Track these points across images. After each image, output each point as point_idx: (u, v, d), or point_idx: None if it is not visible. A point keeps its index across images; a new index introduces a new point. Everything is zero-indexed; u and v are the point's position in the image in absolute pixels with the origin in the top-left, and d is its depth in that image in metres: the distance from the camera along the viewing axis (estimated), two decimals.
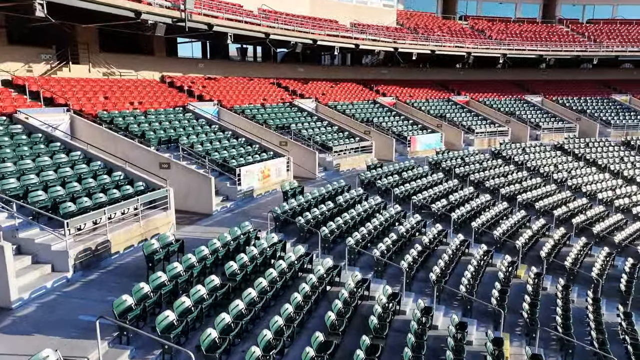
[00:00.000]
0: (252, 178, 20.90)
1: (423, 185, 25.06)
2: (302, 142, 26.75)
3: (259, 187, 21.40)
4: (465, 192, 25.40)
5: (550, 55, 42.14)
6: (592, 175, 31.83)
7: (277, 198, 20.26)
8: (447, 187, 25.56)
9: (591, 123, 40.56)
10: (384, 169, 25.77)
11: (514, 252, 19.26)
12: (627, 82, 48.85)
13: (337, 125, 30.63)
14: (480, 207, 23.96)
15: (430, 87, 44.22)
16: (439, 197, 23.80)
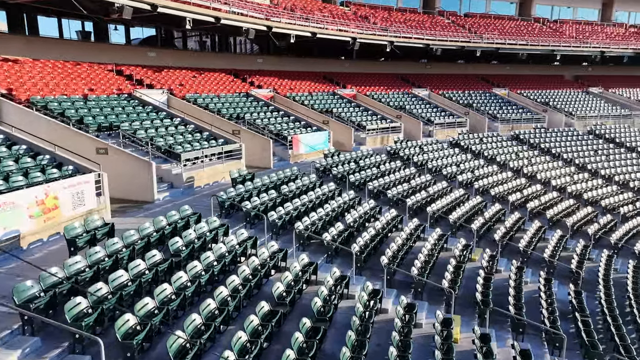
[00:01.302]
0: None
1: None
2: (135, 149, 17.87)
3: None
4: (366, 207, 18.45)
5: (437, 45, 37.34)
6: (495, 174, 26.85)
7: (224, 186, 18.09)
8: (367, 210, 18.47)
9: (479, 117, 36.49)
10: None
11: None
12: (502, 77, 46.82)
13: (193, 124, 21.98)
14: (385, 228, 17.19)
15: (313, 79, 37.20)
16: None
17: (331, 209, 17.21)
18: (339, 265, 13.91)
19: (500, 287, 14.82)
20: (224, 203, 15.19)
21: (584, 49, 44.02)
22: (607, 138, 36.41)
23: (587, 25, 51.58)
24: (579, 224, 22.41)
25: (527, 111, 39.46)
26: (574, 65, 50.38)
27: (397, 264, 14.24)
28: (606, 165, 31.00)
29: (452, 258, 15.60)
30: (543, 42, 42.51)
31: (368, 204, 18.76)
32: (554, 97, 43.88)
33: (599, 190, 27.07)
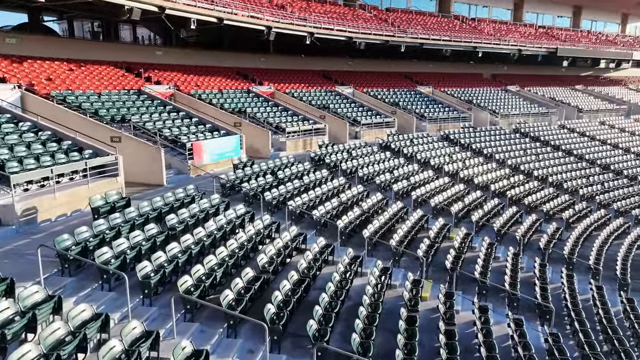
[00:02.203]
0: None
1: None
2: None
3: None
4: (286, 237, 13.65)
5: (360, 38, 33.46)
6: (432, 181, 23.26)
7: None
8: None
9: (407, 116, 33.14)
10: None
11: None
12: (425, 75, 44.29)
13: (51, 130, 15.89)
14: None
15: (225, 75, 31.78)
16: None
17: (237, 245, 12.24)
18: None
19: None
20: (66, 255, 9.66)
21: (503, 46, 42.52)
22: (533, 136, 34.63)
23: (503, 25, 50.68)
24: (529, 235, 19.29)
25: (453, 109, 36.86)
26: (491, 64, 49.23)
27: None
28: (538, 166, 28.77)
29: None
30: (465, 39, 40.27)
31: (289, 232, 14.00)
32: (476, 95, 41.92)
33: (538, 194, 24.45)
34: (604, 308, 14.73)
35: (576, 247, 19.11)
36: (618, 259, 18.73)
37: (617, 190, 27.10)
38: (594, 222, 22.42)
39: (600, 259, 18.54)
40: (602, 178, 28.84)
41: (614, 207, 24.75)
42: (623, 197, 26.40)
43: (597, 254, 18.82)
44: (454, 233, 18.40)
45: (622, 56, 52.89)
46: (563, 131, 37.10)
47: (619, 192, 26.86)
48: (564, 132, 36.78)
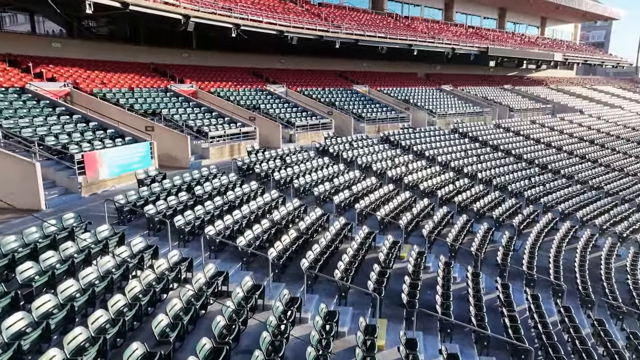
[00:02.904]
0: None
1: None
2: None
3: None
4: (200, 279, 10.18)
5: (292, 32, 30.29)
6: (376, 189, 20.62)
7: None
8: None
9: (344, 117, 30.46)
10: None
11: None
12: (360, 74, 42.33)
13: None
14: None
15: (139, 72, 27.42)
16: None
17: (126, 303, 8.62)
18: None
19: None
20: None
21: (438, 44, 41.21)
22: (471, 137, 33.31)
23: (435, 24, 49.69)
24: (484, 250, 17.10)
25: (390, 109, 34.77)
26: (425, 64, 48.11)
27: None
28: (480, 168, 27.18)
29: None
30: (401, 36, 38.39)
31: (205, 273, 10.53)
32: (413, 94, 40.26)
33: (486, 199, 22.61)
34: (578, 336, 12.65)
35: (533, 259, 17.22)
36: (576, 270, 17.05)
37: (559, 191, 26.04)
38: (544, 227, 20.84)
39: (559, 271, 16.72)
40: (542, 178, 27.81)
41: (559, 210, 23.49)
42: (565, 198, 25.34)
43: (555, 266, 17.00)
44: (404, 251, 15.81)
45: (545, 57, 53.93)
46: (499, 130, 36.25)
47: (560, 193, 25.79)
48: (500, 132, 35.93)
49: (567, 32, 74.26)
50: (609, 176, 30.65)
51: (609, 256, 19.27)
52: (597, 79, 79.68)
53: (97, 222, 11.85)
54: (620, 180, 30.27)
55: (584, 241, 20.17)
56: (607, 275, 17.31)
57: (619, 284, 17.31)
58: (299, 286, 11.82)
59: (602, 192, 27.46)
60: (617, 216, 24.11)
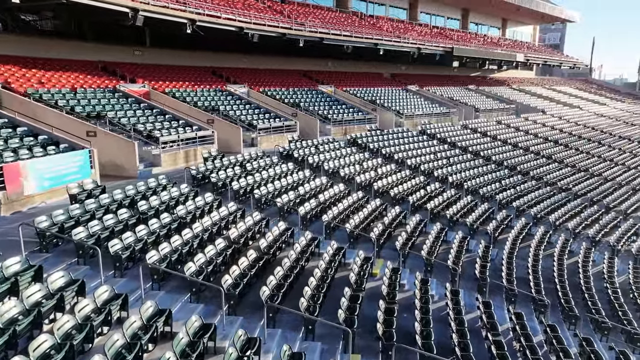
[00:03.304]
0: None
1: None
2: None
3: None
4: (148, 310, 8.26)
5: (253, 29, 28.37)
6: (344, 197, 19.07)
7: None
8: None
9: (309, 119, 28.77)
10: None
11: None
12: (325, 74, 40.79)
13: None
14: None
15: (84, 70, 24.88)
16: None
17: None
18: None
19: None
20: None
21: (404, 44, 40.18)
22: (440, 138, 32.35)
23: (400, 23, 48.79)
24: (461, 262, 15.82)
25: (357, 110, 33.37)
26: (391, 64, 47.15)
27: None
28: (450, 171, 26.13)
29: None
30: (366, 35, 37.08)
31: (142, 313, 8.60)
32: (379, 95, 39.06)
33: (458, 205, 21.47)
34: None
35: (512, 270, 16.10)
36: (556, 281, 16.03)
37: (530, 194, 25.29)
38: (519, 233, 19.85)
39: (539, 283, 15.63)
40: (512, 181, 27.05)
41: (532, 214, 22.66)
42: (536, 201, 24.58)
43: (534, 277, 15.91)
44: (377, 267, 14.33)
45: (508, 57, 54.04)
46: (466, 131, 35.51)
47: (531, 196, 25.04)
48: (468, 133, 35.19)
49: (526, 34, 75.33)
50: (575, 177, 30.32)
51: (586, 263, 18.45)
52: (554, 79, 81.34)
53: (12, 250, 9.72)
54: (586, 181, 29.98)
55: (559, 247, 19.30)
56: (587, 285, 16.39)
57: (599, 293, 16.44)
58: (258, 319, 10.06)
59: (571, 194, 26.96)
60: (587, 219, 23.52)
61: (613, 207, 26.25)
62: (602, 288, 16.95)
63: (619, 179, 32.01)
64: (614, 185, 30.45)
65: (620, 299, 15.94)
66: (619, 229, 23.10)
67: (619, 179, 32.01)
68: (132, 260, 10.67)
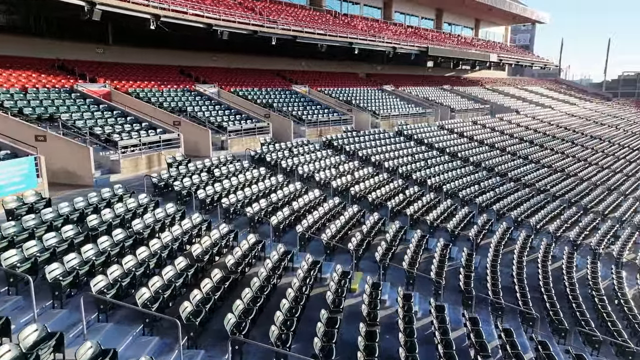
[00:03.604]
0: None
1: None
2: None
3: None
4: None
5: (223, 26, 26.88)
6: (320, 204, 17.87)
7: None
8: None
9: (283, 120, 27.48)
10: None
11: None
12: (299, 73, 39.63)
13: None
14: None
15: (38, 69, 22.96)
16: None
17: None
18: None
19: None
20: None
21: (379, 43, 39.28)
22: (417, 139, 31.53)
23: (375, 22, 47.96)
24: (444, 273, 14.83)
25: (332, 111, 32.25)
26: (366, 63, 46.30)
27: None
28: (429, 174, 25.28)
29: None
30: (341, 34, 36.00)
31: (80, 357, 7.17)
32: (355, 95, 38.06)
33: (438, 210, 20.55)
34: None
35: (497, 280, 15.22)
36: (542, 291, 15.22)
37: (509, 197, 24.65)
38: (500, 239, 19.07)
39: (525, 294, 14.79)
40: (491, 183, 26.40)
41: (512, 217, 21.97)
42: (516, 203, 23.95)
43: (520, 287, 15.07)
44: (356, 282, 13.18)
45: (482, 58, 53.95)
46: (443, 132, 34.84)
47: (511, 199, 24.39)
48: (445, 133, 34.53)
49: (498, 34, 75.82)
50: (552, 178, 29.96)
51: (570, 269, 17.77)
52: (525, 79, 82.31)
53: None
54: (563, 182, 29.64)
55: (542, 253, 18.59)
56: (573, 294, 15.67)
57: (585, 300, 15.73)
58: (222, 352, 8.75)
59: (549, 195, 26.50)
60: (567, 222, 23.00)
61: (590, 209, 25.91)
62: (587, 294, 16.28)
63: (594, 179, 31.88)
64: (589, 185, 30.25)
65: (608, 307, 15.26)
66: (598, 231, 22.65)
67: (594, 179, 31.88)
68: (75, 287, 9.19)
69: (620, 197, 29.04)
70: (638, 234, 23.27)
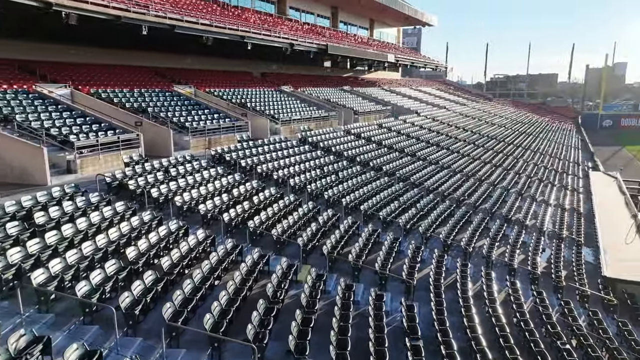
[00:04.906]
0: None
1: None
2: None
3: None
4: None
5: (68, 8, 19.96)
6: (204, 253, 12.53)
7: None
8: None
9: (159, 129, 21.45)
10: None
11: None
12: (183, 72, 33.47)
13: None
14: None
15: None
16: None
17: None
18: None
19: None
20: None
21: (275, 38, 34.57)
22: (323, 147, 27.42)
23: (269, 17, 43.11)
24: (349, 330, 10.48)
25: (224, 116, 26.81)
26: (260, 61, 41.39)
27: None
28: (342, 190, 21.16)
29: None
30: (231, 26, 30.57)
31: None
32: (250, 97, 32.94)
33: (360, 241, 16.36)
34: None
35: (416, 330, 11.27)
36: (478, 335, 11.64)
37: (433, 212, 21.44)
38: (412, 261, 15.44)
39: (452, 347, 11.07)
40: (410, 196, 23.09)
41: (441, 239, 18.64)
42: (441, 220, 20.78)
43: (443, 335, 11.31)
44: None
45: (381, 58, 52.13)
46: (350, 138, 31.24)
47: (435, 216, 21.14)
48: (352, 139, 30.94)
49: (391, 36, 75.70)
50: (467, 186, 27.71)
51: (518, 304, 14.64)
52: (416, 80, 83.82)
53: None
54: (478, 190, 27.48)
55: (460, 274, 15.31)
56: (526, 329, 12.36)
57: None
58: None
59: (471, 207, 24.00)
60: (477, 231, 20.17)
61: (494, 212, 23.90)
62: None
63: (503, 184, 30.55)
64: (502, 191, 28.61)
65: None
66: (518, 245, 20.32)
67: (503, 184, 30.55)
68: None
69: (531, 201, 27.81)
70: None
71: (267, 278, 12.25)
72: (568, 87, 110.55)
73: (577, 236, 22.41)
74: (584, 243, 21.97)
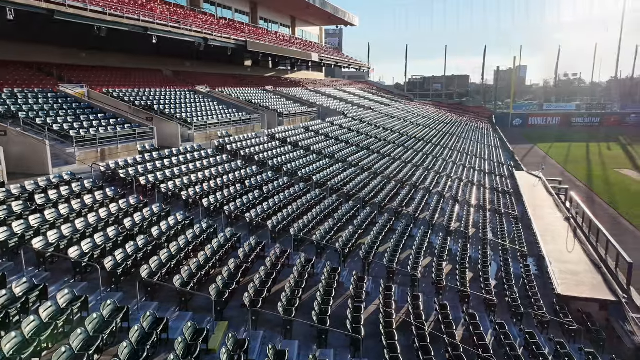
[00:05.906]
0: None
1: None
2: None
3: None
4: None
5: None
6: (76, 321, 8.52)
7: None
8: None
9: (32, 140, 16.50)
10: None
11: None
12: (74, 69, 28.12)
13: None
14: None
15: None
16: None
17: None
18: None
19: None
20: None
21: (186, 32, 30.17)
22: (244, 156, 23.76)
23: (179, 9, 38.31)
24: None
25: (123, 122, 22.15)
26: (171, 58, 36.65)
27: None
28: (268, 210, 17.71)
29: None
30: (130, 15, 25.77)
31: None
32: (158, 98, 28.31)
33: (287, 283, 13.05)
34: None
35: None
36: None
37: (372, 230, 18.73)
38: (387, 315, 12.59)
39: None
40: (351, 214, 20.21)
41: (386, 266, 15.93)
42: (381, 241, 18.11)
43: None
44: None
45: (305, 57, 49.24)
46: (275, 144, 27.81)
47: (375, 234, 18.44)
48: (277, 145, 27.54)
49: (314, 35, 73.34)
50: (404, 194, 25.53)
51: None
52: (340, 81, 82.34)
53: None
54: (422, 200, 25.36)
55: (444, 325, 12.76)
56: None
57: None
58: None
59: (413, 220, 21.71)
60: (442, 257, 18.10)
61: (436, 223, 22.00)
62: None
63: (439, 189, 28.92)
64: (441, 197, 26.87)
65: None
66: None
67: (439, 189, 28.92)
68: None
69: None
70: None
71: (165, 348, 8.56)
72: (481, 88, 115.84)
73: (519, 246, 20.94)
74: (527, 253, 20.53)
